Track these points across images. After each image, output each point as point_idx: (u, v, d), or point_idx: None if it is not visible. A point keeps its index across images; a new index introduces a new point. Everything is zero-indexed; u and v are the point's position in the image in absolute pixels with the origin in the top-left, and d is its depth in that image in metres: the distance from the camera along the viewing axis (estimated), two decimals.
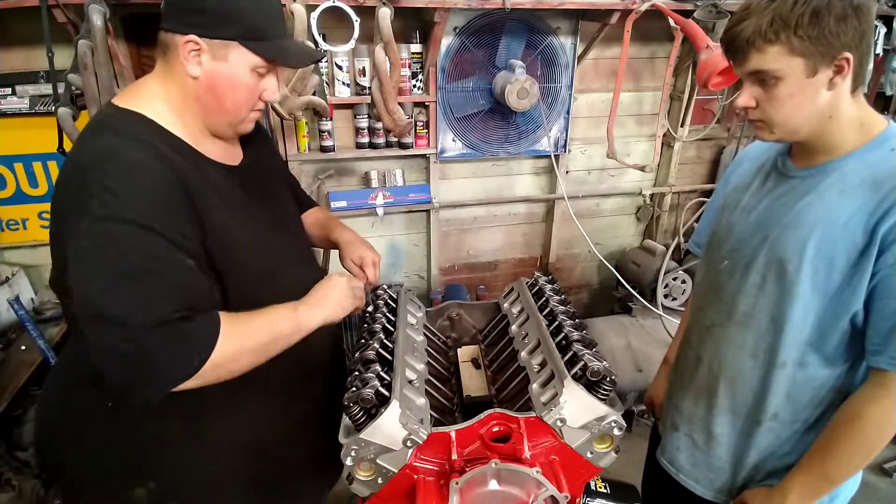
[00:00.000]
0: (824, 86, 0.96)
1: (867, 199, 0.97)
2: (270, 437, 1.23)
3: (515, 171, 3.04)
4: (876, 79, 3.03)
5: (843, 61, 0.94)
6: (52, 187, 2.39)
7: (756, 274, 1.11)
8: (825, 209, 1.01)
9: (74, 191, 0.95)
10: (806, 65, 0.94)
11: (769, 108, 1.00)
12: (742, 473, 1.23)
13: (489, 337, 1.57)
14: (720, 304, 1.20)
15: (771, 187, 1.14)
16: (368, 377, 1.09)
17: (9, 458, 2.16)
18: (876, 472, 2.61)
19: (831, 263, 1.00)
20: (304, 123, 2.51)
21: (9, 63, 2.17)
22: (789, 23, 0.92)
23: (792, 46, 0.93)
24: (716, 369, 1.21)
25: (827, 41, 0.92)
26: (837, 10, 0.91)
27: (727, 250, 1.19)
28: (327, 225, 1.53)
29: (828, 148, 1.03)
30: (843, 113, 1.00)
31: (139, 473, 1.13)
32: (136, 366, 0.92)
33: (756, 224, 1.13)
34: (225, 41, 1.01)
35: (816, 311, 1.05)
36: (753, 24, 0.94)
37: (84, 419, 1.13)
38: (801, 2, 0.91)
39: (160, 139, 1.03)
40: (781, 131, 1.03)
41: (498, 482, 1.04)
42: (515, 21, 2.55)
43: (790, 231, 1.05)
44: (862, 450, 1.03)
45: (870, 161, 1.00)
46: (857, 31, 0.93)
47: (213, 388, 1.01)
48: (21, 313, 2.03)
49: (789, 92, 0.97)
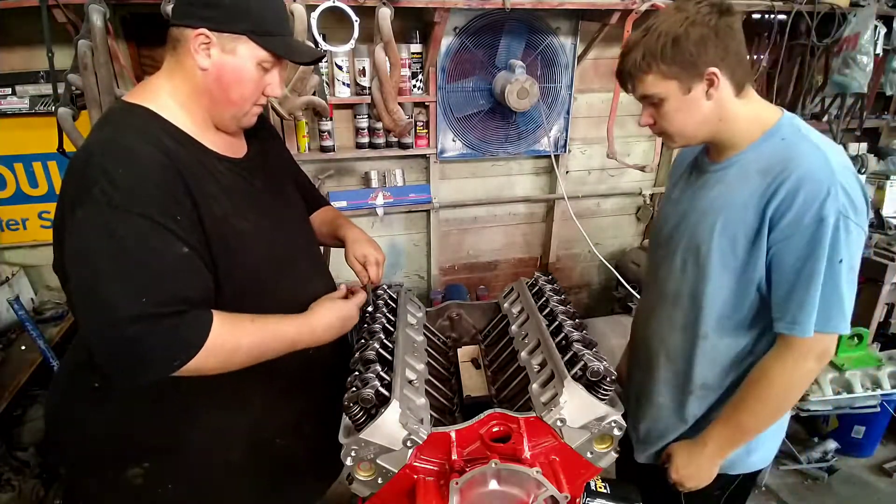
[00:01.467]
0: (703, 97, 1.11)
1: (759, 185, 1.11)
2: (269, 429, 1.24)
3: (515, 171, 3.04)
4: (876, 79, 3.03)
5: (711, 76, 1.08)
6: (52, 187, 2.40)
7: (679, 258, 1.26)
8: (728, 196, 1.16)
9: (78, 178, 0.99)
10: (680, 85, 1.10)
11: (663, 123, 1.17)
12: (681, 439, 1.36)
13: (489, 337, 1.57)
14: (656, 287, 1.36)
15: (693, 181, 1.29)
16: (368, 377, 1.09)
17: (9, 458, 2.16)
18: (876, 472, 2.61)
19: (734, 243, 1.14)
20: (304, 123, 2.51)
21: (9, 63, 2.18)
22: (656, 54, 1.07)
23: (663, 72, 1.09)
24: (656, 345, 1.36)
25: (691, 63, 1.07)
26: (695, 36, 1.05)
27: (662, 239, 1.34)
28: (335, 222, 1.54)
29: (730, 144, 1.18)
30: (732, 114, 1.14)
31: (134, 453, 1.15)
32: (122, 353, 0.95)
33: (681, 214, 1.28)
34: (235, 35, 1.06)
35: (727, 287, 1.18)
36: (630, 59, 1.11)
37: (82, 399, 1.16)
38: (662, 34, 1.06)
39: (163, 131, 1.07)
40: (681, 140, 1.19)
41: (498, 482, 1.04)
42: (515, 21, 2.55)
43: (703, 218, 1.20)
44: (771, 405, 1.18)
45: (764, 150, 1.14)
46: (718, 48, 1.06)
47: (210, 378, 1.03)
48: (21, 313, 2.03)
49: (674, 108, 1.13)
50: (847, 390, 2.34)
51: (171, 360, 0.97)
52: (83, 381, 1.15)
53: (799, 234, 1.06)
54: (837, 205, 1.03)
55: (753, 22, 2.89)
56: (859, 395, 2.32)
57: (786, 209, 1.06)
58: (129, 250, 0.94)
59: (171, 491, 1.17)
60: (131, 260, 0.94)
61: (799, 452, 2.56)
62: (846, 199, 1.04)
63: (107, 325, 0.93)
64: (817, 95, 3.13)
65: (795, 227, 1.06)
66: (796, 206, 1.05)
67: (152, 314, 0.93)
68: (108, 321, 0.93)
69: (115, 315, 0.92)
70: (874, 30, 2.71)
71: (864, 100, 3.07)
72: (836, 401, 2.33)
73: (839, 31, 2.78)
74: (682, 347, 1.29)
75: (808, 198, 1.04)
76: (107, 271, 0.94)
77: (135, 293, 0.93)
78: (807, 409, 2.32)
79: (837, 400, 2.33)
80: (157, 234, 0.97)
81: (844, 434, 2.64)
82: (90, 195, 0.95)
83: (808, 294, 1.07)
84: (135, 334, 0.92)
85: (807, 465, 2.56)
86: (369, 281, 1.43)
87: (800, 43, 2.89)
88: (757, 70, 2.98)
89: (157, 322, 0.94)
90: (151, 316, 0.93)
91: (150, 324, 0.93)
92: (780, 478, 2.58)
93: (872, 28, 2.68)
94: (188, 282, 1.01)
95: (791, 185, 1.06)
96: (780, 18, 2.77)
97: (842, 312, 1.09)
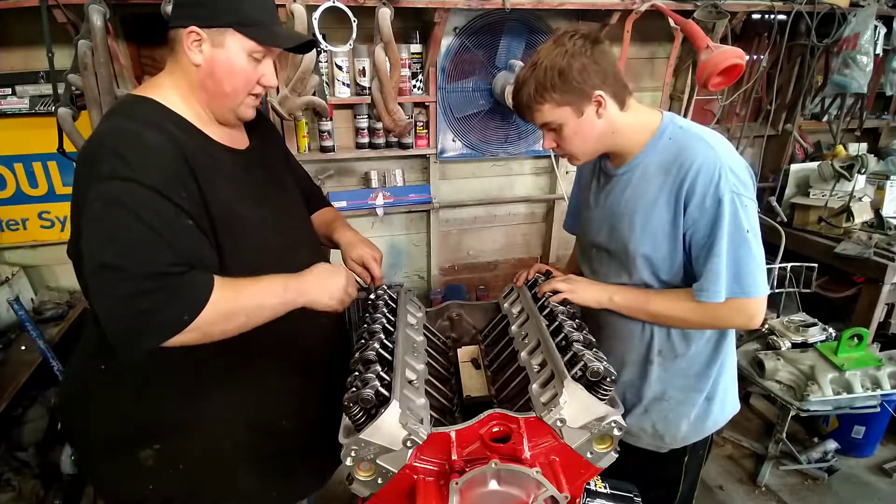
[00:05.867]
0: (594, 117, 1.25)
1: (662, 181, 1.26)
2: (275, 410, 1.28)
3: (515, 172, 3.04)
4: (876, 79, 3.03)
5: (598, 98, 1.22)
6: (52, 187, 2.40)
7: (614, 257, 1.41)
8: (639, 195, 1.31)
9: (89, 161, 1.04)
10: (573, 110, 1.23)
11: (565, 145, 1.30)
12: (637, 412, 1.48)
13: (489, 337, 1.57)
14: (597, 280, 1.48)
15: (603, 185, 1.43)
16: (368, 377, 1.09)
17: (9, 458, 2.16)
18: (876, 472, 2.61)
19: (654, 236, 1.30)
20: (304, 124, 2.51)
21: (9, 63, 2.18)
22: (546, 86, 1.21)
23: (556, 100, 1.22)
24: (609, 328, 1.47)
25: (578, 89, 1.21)
26: (577, 65, 1.19)
27: (591, 240, 1.49)
28: (332, 224, 1.57)
29: (626, 151, 1.33)
30: (621, 125, 1.28)
31: (145, 435, 1.19)
32: (132, 312, 0.97)
33: (601, 218, 1.43)
34: (222, 29, 1.12)
35: (660, 270, 1.34)
36: (525, 94, 1.25)
37: (92, 385, 1.20)
38: (548, 68, 1.19)
39: (168, 120, 1.12)
40: (583, 156, 1.34)
41: (498, 482, 1.04)
42: (515, 21, 2.55)
43: (623, 219, 1.34)
44: (673, 319, 1.34)
45: (657, 150, 1.29)
46: (598, 72, 1.21)
47: (217, 358, 1.07)
48: (21, 313, 2.03)
49: (572, 131, 1.26)
50: (847, 390, 2.34)
51: (179, 317, 0.99)
52: (92, 368, 1.19)
53: (704, 216, 1.22)
54: (729, 184, 1.19)
55: (753, 22, 2.90)
56: (859, 396, 2.33)
57: (690, 196, 1.22)
58: (136, 215, 0.98)
59: (182, 472, 1.21)
60: (139, 224, 0.98)
61: (799, 452, 2.56)
62: (735, 178, 1.21)
63: (115, 284, 0.96)
64: (817, 95, 3.13)
65: (700, 210, 1.22)
66: (698, 192, 1.21)
67: (159, 272, 0.97)
68: (116, 280, 0.96)
69: (123, 274, 0.95)
70: (874, 30, 2.71)
71: (863, 100, 3.08)
72: (836, 401, 2.33)
73: (839, 31, 2.78)
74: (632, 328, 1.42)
75: (705, 182, 1.20)
76: (116, 235, 0.97)
77: (143, 254, 0.97)
78: (807, 409, 2.32)
79: (837, 400, 2.33)
80: (164, 205, 1.01)
81: (844, 434, 2.64)
82: (101, 173, 0.99)
83: (713, 265, 1.22)
84: (143, 290, 0.96)
85: (807, 465, 2.56)
86: (372, 281, 1.45)
87: (800, 43, 2.89)
88: (757, 70, 2.98)
89: (164, 279, 0.98)
90: (158, 274, 0.97)
91: (158, 282, 0.97)
92: (780, 478, 2.58)
93: (872, 28, 2.69)
94: (192, 247, 1.05)
95: (691, 175, 1.21)
96: (780, 18, 2.77)
97: (753, 276, 1.23)
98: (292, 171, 1.52)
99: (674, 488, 1.58)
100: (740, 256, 1.22)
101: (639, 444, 1.50)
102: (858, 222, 2.89)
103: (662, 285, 1.35)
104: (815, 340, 2.59)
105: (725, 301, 1.23)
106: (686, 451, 1.52)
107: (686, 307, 1.30)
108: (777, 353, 2.53)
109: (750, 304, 1.25)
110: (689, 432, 1.46)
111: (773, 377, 2.47)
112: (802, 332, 2.64)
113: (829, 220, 2.90)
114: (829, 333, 2.63)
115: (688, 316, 1.31)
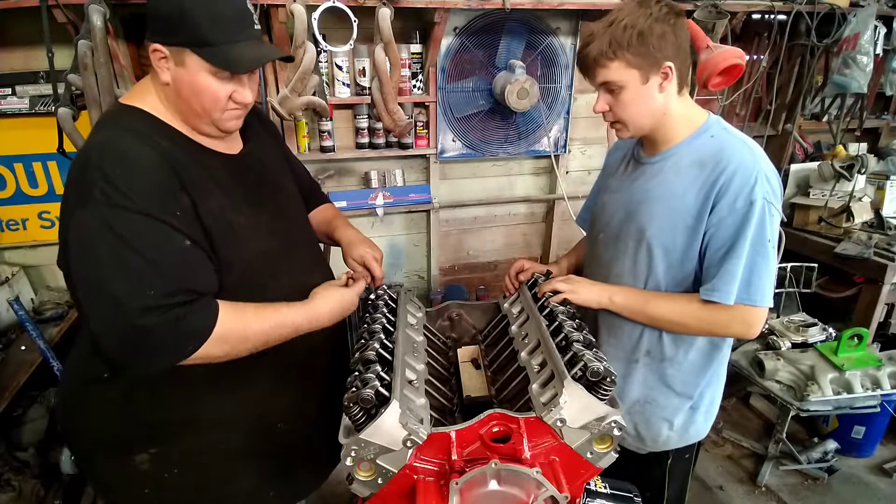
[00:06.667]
0: (656, 89, 1.24)
1: (696, 175, 1.25)
2: (272, 414, 1.27)
3: (515, 172, 3.04)
4: (876, 79, 3.03)
5: (667, 69, 1.21)
6: (52, 187, 2.39)
7: (623, 242, 1.39)
8: (666, 186, 1.30)
9: (77, 181, 1.01)
10: (640, 74, 1.21)
11: (619, 110, 1.28)
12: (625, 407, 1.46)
13: (489, 337, 1.56)
14: (600, 269, 1.48)
15: (630, 172, 1.42)
16: (368, 377, 1.09)
17: (9, 458, 2.16)
18: (876, 472, 2.61)
19: (673, 227, 1.29)
20: (304, 124, 2.51)
21: (9, 63, 2.17)
22: (622, 43, 1.18)
23: (627, 61, 1.20)
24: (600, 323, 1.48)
25: (652, 55, 1.19)
26: (657, 31, 1.18)
27: (602, 225, 1.47)
28: (332, 223, 1.56)
29: (666, 139, 1.32)
30: (673, 110, 1.28)
31: (141, 439, 1.18)
32: (131, 345, 0.97)
33: (621, 202, 1.41)
34: (179, 48, 1.05)
35: (669, 264, 1.33)
36: (596, 47, 1.21)
37: (90, 388, 1.19)
38: (629, 26, 1.17)
39: (156, 130, 1.09)
40: (632, 128, 1.31)
41: (498, 482, 1.04)
42: (515, 21, 2.55)
43: (644, 206, 1.33)
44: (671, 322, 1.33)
45: (695, 146, 1.29)
46: (674, 45, 1.20)
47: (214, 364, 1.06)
48: (21, 313, 2.03)
49: (631, 97, 1.24)
50: (847, 390, 2.34)
51: (183, 348, 0.99)
52: (91, 371, 1.18)
53: (732, 215, 1.21)
54: (763, 190, 1.20)
55: (753, 22, 2.90)
56: (859, 396, 2.33)
57: (722, 194, 1.21)
58: (131, 246, 0.96)
59: (178, 476, 1.20)
60: (134, 254, 0.96)
61: (799, 453, 2.56)
62: (769, 186, 1.21)
63: (116, 318, 0.95)
64: (817, 95, 3.13)
65: (730, 209, 1.21)
66: (732, 192, 1.20)
67: (160, 305, 0.96)
68: (117, 315, 0.95)
69: (124, 308, 0.94)
70: (874, 30, 2.71)
71: (863, 100, 3.07)
72: (836, 401, 2.33)
73: (839, 31, 2.78)
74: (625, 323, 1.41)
75: (741, 183, 1.20)
76: (112, 267, 0.96)
77: (141, 286, 0.96)
78: (807, 410, 2.32)
79: (837, 400, 2.33)
80: (158, 229, 0.99)
81: (844, 434, 2.64)
82: (90, 196, 0.97)
83: (731, 266, 1.21)
84: (145, 325, 0.95)
85: (807, 465, 2.56)
86: (372, 280, 1.45)
87: (800, 43, 2.89)
88: (757, 70, 2.98)
89: (166, 312, 0.96)
90: (160, 307, 0.96)
91: (159, 314, 0.96)
92: (780, 478, 2.58)
93: (872, 28, 2.68)
94: (192, 272, 1.03)
95: (727, 173, 1.21)
96: (780, 18, 2.77)
97: (762, 287, 1.22)
98: (291, 170, 1.50)
99: (659, 491, 1.57)
100: (756, 263, 1.21)
101: (623, 444, 1.49)
102: (858, 222, 2.89)
103: (664, 279, 1.34)
104: (815, 340, 2.59)
105: (729, 306, 1.23)
106: (669, 455, 1.51)
107: (686, 310, 1.29)
108: (777, 353, 2.53)
109: (753, 312, 1.24)
110: (670, 439, 1.46)
111: (773, 377, 2.47)
112: (802, 332, 2.64)
113: (829, 220, 2.90)
114: (829, 333, 2.64)
115: (687, 320, 1.30)
